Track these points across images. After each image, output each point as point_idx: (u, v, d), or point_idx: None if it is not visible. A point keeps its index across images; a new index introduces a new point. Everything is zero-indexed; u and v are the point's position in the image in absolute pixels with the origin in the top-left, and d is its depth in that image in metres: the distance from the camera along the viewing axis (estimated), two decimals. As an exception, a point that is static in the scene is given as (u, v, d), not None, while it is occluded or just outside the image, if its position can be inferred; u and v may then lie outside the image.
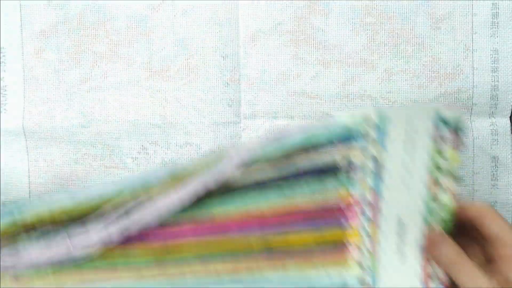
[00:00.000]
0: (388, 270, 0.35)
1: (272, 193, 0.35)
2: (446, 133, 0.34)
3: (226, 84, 0.46)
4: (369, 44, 0.46)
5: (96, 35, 0.46)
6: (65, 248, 0.35)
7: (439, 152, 0.35)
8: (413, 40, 0.46)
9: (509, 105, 0.46)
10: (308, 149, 0.35)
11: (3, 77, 0.46)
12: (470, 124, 0.47)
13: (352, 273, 0.35)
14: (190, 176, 0.35)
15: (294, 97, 0.46)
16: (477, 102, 0.46)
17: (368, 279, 0.35)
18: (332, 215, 0.35)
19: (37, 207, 0.37)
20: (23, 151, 0.47)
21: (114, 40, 0.46)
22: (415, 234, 0.35)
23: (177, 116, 0.46)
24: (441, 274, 0.36)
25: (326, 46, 0.46)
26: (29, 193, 0.47)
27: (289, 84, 0.46)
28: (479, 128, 0.47)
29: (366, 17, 0.46)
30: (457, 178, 0.35)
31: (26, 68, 0.46)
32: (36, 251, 0.36)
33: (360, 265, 0.35)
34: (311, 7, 0.46)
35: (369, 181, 0.35)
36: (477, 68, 0.46)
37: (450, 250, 0.35)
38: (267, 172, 0.35)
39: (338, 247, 0.35)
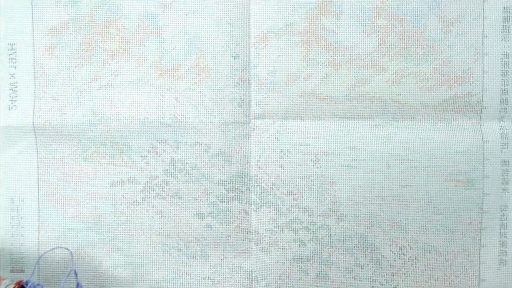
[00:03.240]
0: None
1: None
2: None
3: (237, 84, 0.46)
4: (379, 46, 0.46)
5: (107, 33, 0.46)
6: None
7: None
8: (424, 42, 0.46)
9: (519, 109, 0.46)
10: None
11: (13, 74, 0.46)
12: (480, 128, 0.46)
13: None
14: None
15: (304, 98, 0.46)
16: (487, 105, 0.46)
17: None
18: None
19: None
20: (33, 148, 0.47)
21: (125, 38, 0.46)
22: None
23: (187, 115, 0.46)
24: None
25: (336, 48, 0.46)
26: (38, 190, 0.47)
27: (299, 85, 0.46)
28: (489, 131, 0.46)
29: (377, 19, 0.46)
30: None
31: (37, 65, 0.46)
32: None
33: None
34: (322, 8, 0.46)
35: None
36: (487, 72, 0.46)
37: None
38: None
39: None
